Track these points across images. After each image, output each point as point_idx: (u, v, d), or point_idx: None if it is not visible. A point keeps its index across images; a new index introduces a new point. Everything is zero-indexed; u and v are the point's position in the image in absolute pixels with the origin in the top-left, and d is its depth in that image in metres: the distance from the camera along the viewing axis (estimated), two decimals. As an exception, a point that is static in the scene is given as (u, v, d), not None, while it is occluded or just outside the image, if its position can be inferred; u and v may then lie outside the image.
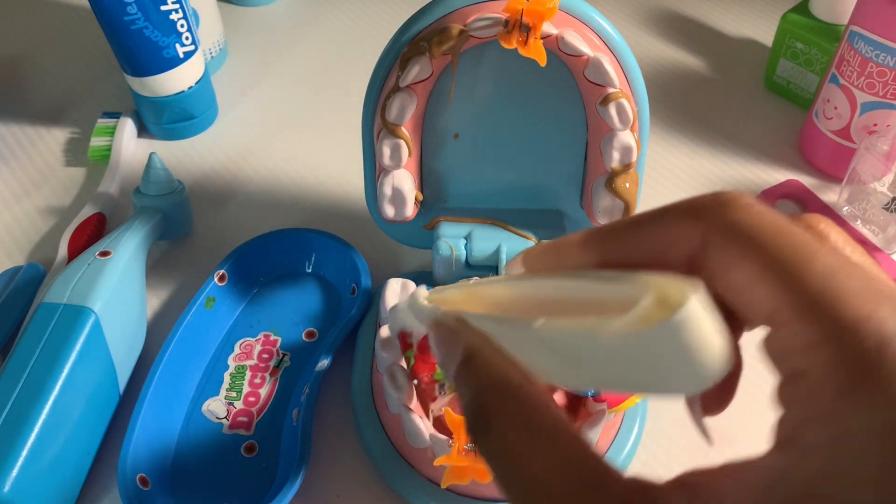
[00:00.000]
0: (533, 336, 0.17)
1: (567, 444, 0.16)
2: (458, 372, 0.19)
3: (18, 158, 0.53)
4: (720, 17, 0.64)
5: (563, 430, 0.16)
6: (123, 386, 0.39)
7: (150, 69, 0.50)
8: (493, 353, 0.18)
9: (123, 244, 0.41)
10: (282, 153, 0.53)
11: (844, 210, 0.48)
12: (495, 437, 0.17)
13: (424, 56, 0.34)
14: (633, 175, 0.37)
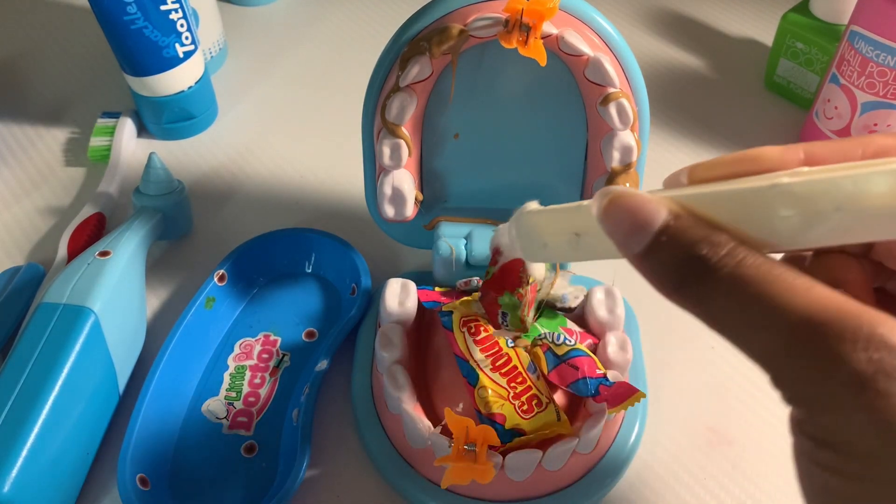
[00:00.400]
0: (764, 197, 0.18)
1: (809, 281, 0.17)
2: (659, 235, 0.18)
3: (18, 158, 0.53)
4: (720, 17, 0.64)
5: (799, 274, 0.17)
6: (123, 386, 0.39)
7: (149, 69, 0.50)
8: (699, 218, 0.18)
9: (123, 244, 0.41)
10: (281, 153, 0.53)
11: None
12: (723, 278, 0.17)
13: (424, 56, 0.34)
14: (633, 175, 0.37)
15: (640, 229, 0.19)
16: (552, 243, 0.24)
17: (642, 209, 0.19)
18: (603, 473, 0.35)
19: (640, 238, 0.19)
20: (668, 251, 0.18)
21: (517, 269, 0.28)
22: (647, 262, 0.19)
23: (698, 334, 0.42)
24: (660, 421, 0.38)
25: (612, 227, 0.19)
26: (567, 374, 0.34)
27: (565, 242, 0.23)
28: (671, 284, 0.18)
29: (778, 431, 0.38)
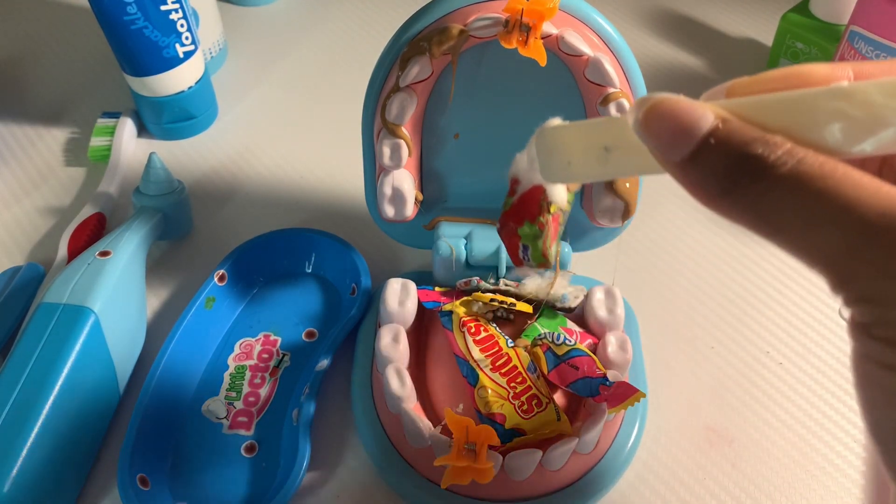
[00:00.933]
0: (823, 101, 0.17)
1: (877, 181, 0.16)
2: (706, 139, 0.17)
3: (18, 158, 0.53)
4: (720, 17, 0.64)
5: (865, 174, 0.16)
6: (123, 386, 0.39)
7: (149, 69, 0.50)
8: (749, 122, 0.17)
9: (123, 244, 0.41)
10: (282, 153, 0.53)
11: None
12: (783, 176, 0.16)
13: (424, 56, 0.34)
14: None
15: (684, 134, 0.18)
16: (578, 160, 0.22)
17: (687, 113, 0.18)
18: (603, 473, 0.35)
19: (685, 143, 0.18)
20: (718, 154, 0.17)
21: (537, 196, 0.26)
22: (692, 168, 0.18)
23: (698, 334, 0.42)
24: (660, 421, 0.38)
25: (652, 135, 0.18)
26: (567, 374, 0.34)
27: (593, 158, 0.22)
28: (720, 189, 0.17)
29: (778, 431, 0.38)
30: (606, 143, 0.21)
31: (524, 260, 0.29)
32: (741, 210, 0.17)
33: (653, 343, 0.41)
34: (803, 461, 0.37)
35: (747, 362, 0.41)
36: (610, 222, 0.38)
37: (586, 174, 0.23)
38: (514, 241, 0.28)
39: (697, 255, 0.46)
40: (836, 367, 0.41)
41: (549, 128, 0.23)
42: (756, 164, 0.17)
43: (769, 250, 0.46)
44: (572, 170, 0.23)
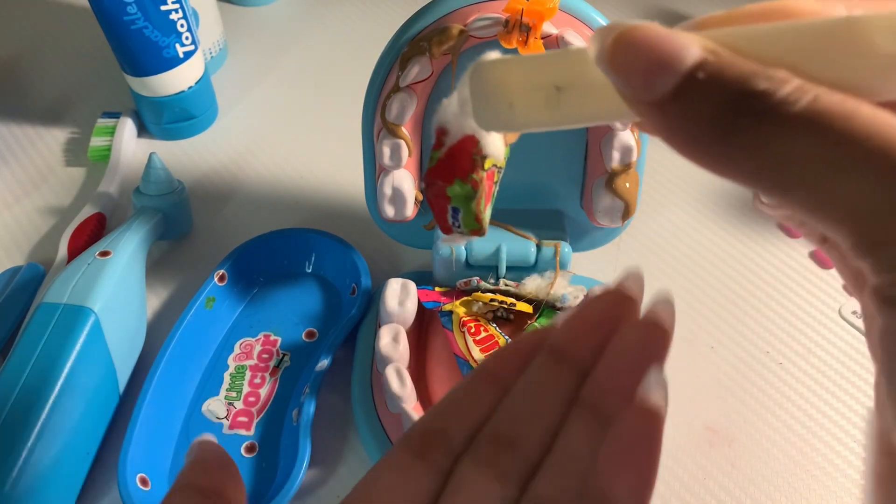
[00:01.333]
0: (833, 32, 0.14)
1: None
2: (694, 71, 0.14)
3: (18, 158, 0.53)
4: (720, 17, 0.63)
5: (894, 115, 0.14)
6: (123, 386, 0.39)
7: (149, 69, 0.50)
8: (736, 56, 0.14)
9: (123, 244, 0.41)
10: (282, 153, 0.53)
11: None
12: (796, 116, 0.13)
13: (424, 56, 0.34)
14: (633, 175, 0.37)
15: (663, 67, 0.14)
16: (521, 102, 0.18)
17: (667, 42, 0.15)
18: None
19: (664, 79, 0.14)
20: (709, 91, 0.14)
21: (469, 149, 0.22)
22: (674, 109, 0.14)
23: (698, 334, 0.42)
24: (660, 421, 0.38)
25: (622, 69, 0.15)
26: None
27: (541, 100, 0.18)
28: (716, 132, 0.14)
29: (778, 431, 0.38)
30: (558, 80, 0.17)
31: (454, 226, 0.24)
32: (742, 158, 0.14)
33: (653, 343, 0.41)
34: (803, 461, 0.37)
35: (747, 362, 0.41)
36: (610, 222, 0.38)
37: (532, 120, 0.18)
38: (442, 204, 0.23)
39: (697, 255, 0.46)
40: (837, 367, 0.41)
41: (486, 62, 0.19)
42: (760, 101, 0.14)
43: (770, 250, 0.46)
44: (514, 114, 0.19)
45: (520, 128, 0.19)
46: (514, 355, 0.20)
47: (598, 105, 0.17)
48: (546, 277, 0.39)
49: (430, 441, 0.19)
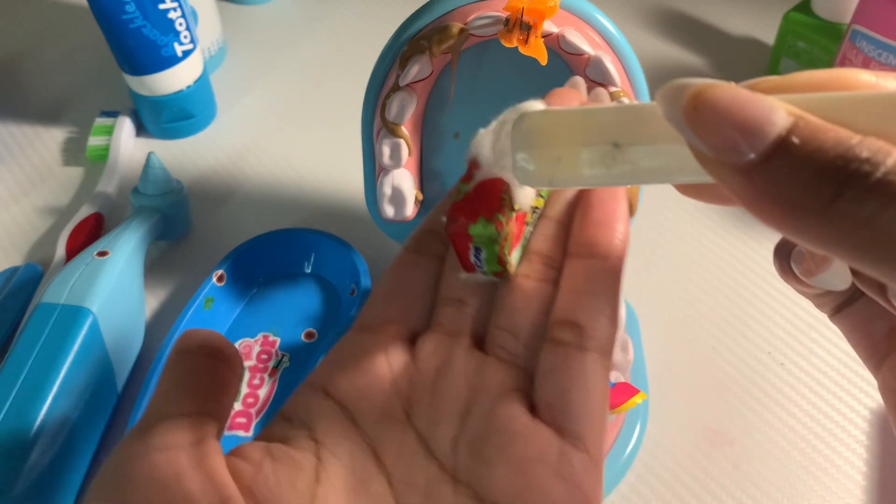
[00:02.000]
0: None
1: None
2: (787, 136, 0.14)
3: (16, 158, 0.53)
4: (722, 16, 0.63)
5: None
6: (121, 386, 0.39)
7: (148, 68, 0.49)
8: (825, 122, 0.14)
9: (121, 244, 0.41)
10: (281, 152, 0.53)
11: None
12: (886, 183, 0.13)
13: (424, 55, 0.33)
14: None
15: (754, 129, 0.14)
16: (571, 158, 0.17)
17: (753, 103, 0.14)
18: (604, 475, 0.35)
19: (755, 141, 0.14)
20: (806, 156, 0.13)
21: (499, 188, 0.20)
22: (767, 173, 0.14)
23: (699, 335, 0.42)
24: (661, 422, 0.38)
25: (706, 130, 0.14)
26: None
27: (595, 157, 0.17)
28: (814, 202, 0.13)
29: (779, 432, 0.38)
30: (617, 136, 0.16)
31: (476, 266, 0.22)
32: (846, 230, 0.13)
33: (654, 344, 0.41)
34: (805, 462, 0.37)
35: (749, 363, 0.41)
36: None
37: (582, 178, 0.17)
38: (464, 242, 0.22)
39: (699, 256, 0.46)
40: (838, 368, 0.41)
41: (532, 112, 0.18)
42: (865, 172, 0.13)
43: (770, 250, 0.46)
44: (562, 171, 0.17)
45: (566, 185, 0.18)
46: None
47: (664, 165, 0.16)
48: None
49: (423, 239, 0.22)
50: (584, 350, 0.18)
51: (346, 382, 0.19)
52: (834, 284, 0.19)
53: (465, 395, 0.19)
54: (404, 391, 0.19)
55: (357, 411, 0.19)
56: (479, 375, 0.19)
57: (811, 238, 0.14)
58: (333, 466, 0.18)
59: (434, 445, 0.18)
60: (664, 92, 0.15)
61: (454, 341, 0.20)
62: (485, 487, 0.17)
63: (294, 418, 0.19)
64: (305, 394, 0.20)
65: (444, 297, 0.21)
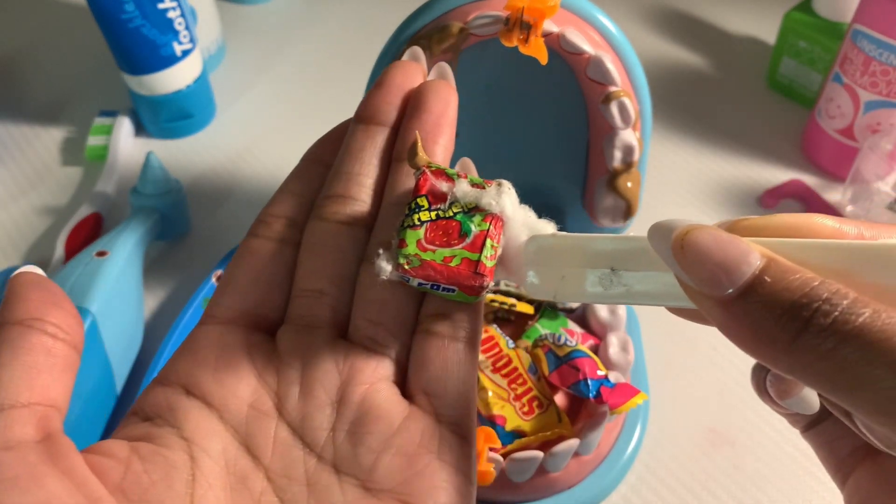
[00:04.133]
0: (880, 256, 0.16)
1: None
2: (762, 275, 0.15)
3: (15, 157, 0.53)
4: (723, 15, 0.63)
5: None
6: (120, 387, 0.39)
7: (147, 67, 0.49)
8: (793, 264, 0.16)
9: (120, 244, 0.41)
10: (280, 152, 0.53)
11: (848, 210, 0.47)
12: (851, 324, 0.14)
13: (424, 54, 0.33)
14: (634, 174, 0.36)
15: (730, 269, 0.16)
16: (574, 277, 0.19)
17: (732, 245, 0.16)
18: (604, 475, 0.35)
19: (733, 278, 0.16)
20: (776, 294, 0.15)
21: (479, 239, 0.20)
22: (743, 307, 0.16)
23: (700, 335, 0.42)
24: (661, 422, 0.38)
25: (692, 267, 0.16)
26: (568, 376, 0.34)
27: (594, 278, 0.19)
28: (784, 335, 0.15)
29: (780, 433, 0.38)
30: (614, 263, 0.19)
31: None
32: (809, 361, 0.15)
33: (655, 344, 0.41)
34: (806, 463, 0.37)
35: (750, 363, 0.40)
36: (611, 222, 0.38)
37: (581, 294, 0.19)
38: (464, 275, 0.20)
39: (699, 255, 0.46)
40: (839, 368, 0.41)
41: (543, 235, 0.20)
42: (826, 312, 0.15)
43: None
44: (565, 287, 0.20)
45: (568, 299, 0.20)
46: (332, 137, 0.23)
47: (654, 290, 0.18)
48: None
49: (272, 224, 0.21)
50: (456, 340, 0.19)
51: (209, 379, 0.18)
52: (803, 408, 0.20)
53: (336, 385, 0.18)
54: (272, 385, 0.19)
55: (224, 408, 0.18)
56: (348, 365, 0.19)
57: (781, 366, 0.16)
58: (208, 465, 0.17)
59: (310, 437, 0.18)
60: (654, 231, 0.17)
61: (315, 332, 0.19)
62: (370, 476, 0.18)
63: (155, 417, 0.18)
64: (163, 393, 0.18)
65: (299, 288, 0.20)
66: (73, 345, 0.17)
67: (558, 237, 0.20)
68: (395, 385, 0.19)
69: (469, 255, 0.20)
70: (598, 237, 0.19)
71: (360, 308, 0.19)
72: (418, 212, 0.20)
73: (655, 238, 0.17)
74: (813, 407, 0.20)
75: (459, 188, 0.20)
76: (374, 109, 0.22)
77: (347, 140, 0.22)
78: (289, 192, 0.22)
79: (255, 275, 0.20)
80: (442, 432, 0.18)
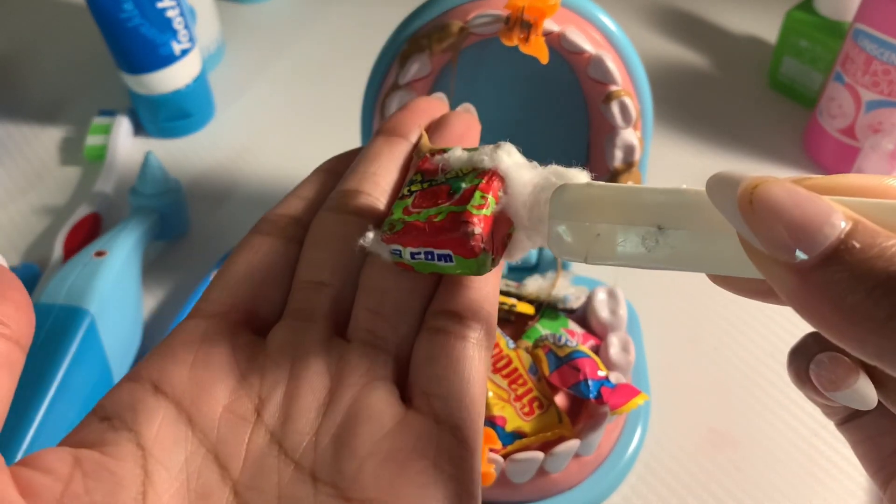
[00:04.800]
0: None
1: None
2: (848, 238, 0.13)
3: (13, 157, 0.53)
4: (724, 15, 0.63)
5: None
6: (119, 388, 0.38)
7: (146, 66, 0.49)
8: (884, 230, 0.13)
9: (119, 244, 0.41)
10: (280, 151, 0.53)
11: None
12: None
13: (424, 53, 0.33)
14: (635, 174, 0.36)
15: (814, 229, 0.13)
16: (611, 235, 0.16)
17: (813, 202, 0.13)
18: (605, 477, 0.35)
19: (814, 242, 0.13)
20: (868, 262, 0.13)
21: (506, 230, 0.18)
22: (824, 276, 0.13)
23: (702, 335, 0.42)
24: (662, 423, 0.38)
25: (761, 225, 0.14)
26: (568, 376, 0.34)
27: (636, 237, 0.16)
28: (878, 311, 0.12)
29: (783, 434, 0.38)
30: (663, 220, 0.16)
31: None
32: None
33: (656, 344, 0.41)
34: (808, 465, 0.37)
35: (751, 364, 0.41)
36: (612, 222, 0.38)
37: (620, 257, 0.16)
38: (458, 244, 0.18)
39: (700, 255, 0.46)
40: (841, 369, 0.40)
41: (575, 185, 0.17)
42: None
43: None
44: (600, 247, 0.17)
45: (601, 262, 0.17)
46: (348, 154, 0.22)
47: (707, 254, 0.16)
48: (548, 278, 0.39)
49: (276, 221, 0.19)
50: (465, 339, 0.17)
51: (183, 376, 0.17)
52: (857, 402, 0.17)
53: (325, 386, 0.17)
54: (254, 386, 0.17)
55: (195, 410, 0.16)
56: (341, 363, 0.17)
57: (868, 349, 0.13)
58: (164, 481, 0.15)
59: (289, 444, 0.16)
60: (716, 182, 0.15)
61: (310, 326, 0.17)
62: (352, 484, 0.16)
63: (113, 418, 0.16)
64: (129, 389, 0.16)
65: (300, 281, 0.18)
66: (15, 339, 0.15)
67: (595, 186, 0.17)
68: (394, 385, 0.17)
69: (455, 208, 0.17)
70: (644, 188, 0.16)
71: (361, 297, 0.18)
72: (410, 185, 0.19)
73: (717, 191, 0.14)
74: (870, 402, 0.17)
75: (453, 154, 0.19)
76: (396, 124, 0.21)
77: (366, 147, 0.21)
78: (296, 196, 0.21)
79: (251, 269, 0.18)
80: (441, 437, 0.16)
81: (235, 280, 0.18)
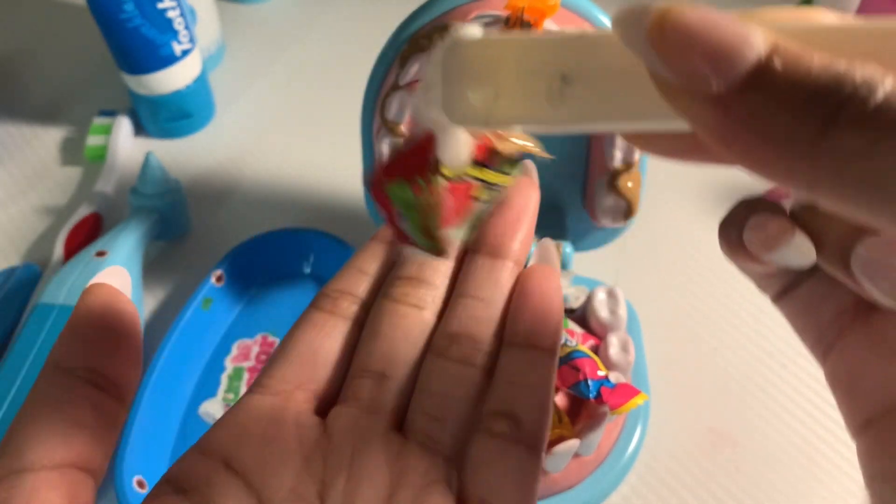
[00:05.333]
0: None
1: None
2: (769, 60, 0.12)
3: (14, 157, 0.53)
4: (722, 15, 0.63)
5: None
6: (120, 388, 0.38)
7: (146, 67, 0.49)
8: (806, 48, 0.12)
9: (120, 244, 0.41)
10: (280, 152, 0.53)
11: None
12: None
13: (424, 53, 0.33)
14: (635, 174, 0.36)
15: (731, 52, 0.12)
16: (512, 92, 0.15)
17: (729, 25, 0.12)
18: (604, 476, 0.35)
19: (732, 66, 0.12)
20: (791, 83, 0.11)
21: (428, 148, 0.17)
22: (747, 102, 0.12)
23: (701, 335, 0.42)
24: (662, 423, 0.38)
25: (673, 53, 0.12)
26: (568, 376, 0.34)
27: (540, 91, 0.14)
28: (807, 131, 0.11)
29: (782, 434, 0.38)
30: (567, 67, 0.14)
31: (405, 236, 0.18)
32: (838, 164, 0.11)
33: (655, 344, 0.41)
34: (807, 464, 0.37)
35: (751, 364, 0.41)
36: (612, 222, 0.38)
37: (523, 116, 0.15)
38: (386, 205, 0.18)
39: (700, 255, 0.46)
40: (840, 369, 0.41)
41: (466, 39, 0.15)
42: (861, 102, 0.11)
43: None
44: (500, 108, 0.15)
45: (504, 126, 0.15)
46: None
47: (620, 101, 0.14)
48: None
49: (337, 299, 0.20)
50: (520, 443, 0.17)
51: (252, 455, 0.17)
52: (796, 258, 0.16)
53: (387, 481, 0.17)
54: (317, 470, 0.17)
55: (265, 489, 0.16)
56: (400, 462, 0.17)
57: (799, 177, 0.12)
58: None
59: None
60: (622, 15, 0.13)
61: (372, 418, 0.18)
62: None
63: (190, 490, 0.16)
64: (202, 463, 0.17)
65: (360, 368, 0.19)
66: (122, 399, 0.16)
67: (489, 40, 0.15)
68: (447, 487, 0.17)
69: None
70: (543, 36, 0.14)
71: (421, 400, 0.18)
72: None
73: (625, 24, 0.13)
74: (809, 257, 0.16)
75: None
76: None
77: None
78: (356, 269, 0.21)
79: (313, 349, 0.19)
80: None
81: (300, 359, 0.19)
